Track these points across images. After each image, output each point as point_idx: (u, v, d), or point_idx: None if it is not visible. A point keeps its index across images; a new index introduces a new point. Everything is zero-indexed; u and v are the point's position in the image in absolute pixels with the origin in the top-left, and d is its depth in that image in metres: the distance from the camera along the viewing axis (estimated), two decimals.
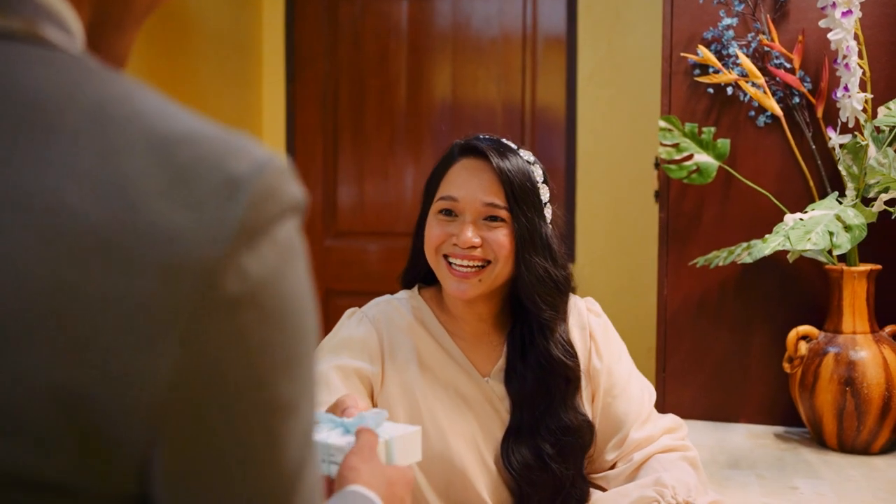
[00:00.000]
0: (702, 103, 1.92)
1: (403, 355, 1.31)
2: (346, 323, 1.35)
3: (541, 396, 1.29)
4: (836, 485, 1.51)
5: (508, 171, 1.27)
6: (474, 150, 1.30)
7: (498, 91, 3.24)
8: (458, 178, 1.29)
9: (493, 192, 1.27)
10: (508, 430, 1.30)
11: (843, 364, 1.67)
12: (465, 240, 1.26)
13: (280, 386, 0.45)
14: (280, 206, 0.44)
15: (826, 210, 1.55)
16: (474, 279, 1.27)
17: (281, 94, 3.40)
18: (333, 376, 1.25)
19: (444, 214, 1.29)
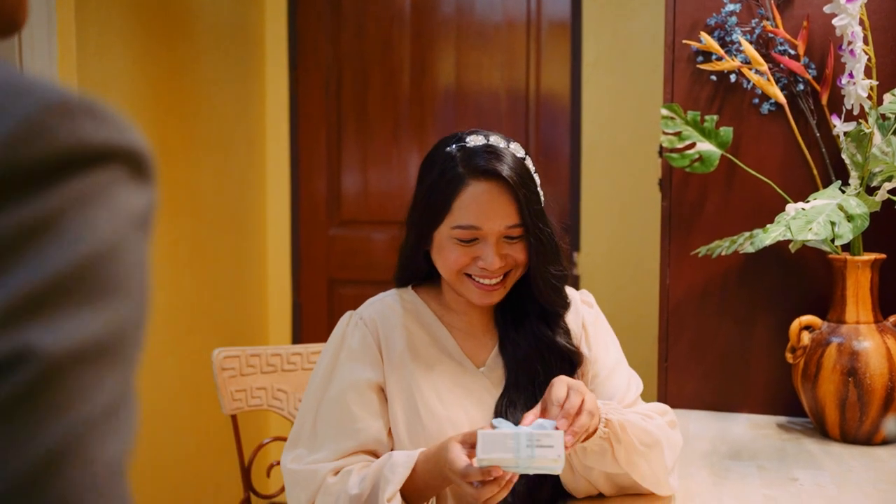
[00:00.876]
0: (705, 91, 1.90)
1: (399, 352, 1.36)
2: (345, 331, 1.37)
3: (534, 365, 1.35)
4: (837, 476, 1.49)
5: (519, 185, 1.28)
6: (489, 174, 1.28)
7: (502, 78, 3.22)
8: (476, 205, 1.28)
9: (512, 214, 1.29)
10: (502, 397, 1.35)
11: (846, 354, 1.65)
12: (493, 263, 1.29)
13: None
14: (56, 148, 0.39)
15: (828, 199, 1.53)
16: (500, 289, 1.33)
17: (284, 83, 3.38)
18: (352, 404, 1.31)
19: (462, 241, 1.30)
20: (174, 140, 2.82)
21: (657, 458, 1.29)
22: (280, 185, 3.40)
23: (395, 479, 1.19)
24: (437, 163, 1.32)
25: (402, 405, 1.33)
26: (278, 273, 3.41)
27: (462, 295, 1.36)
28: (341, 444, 1.29)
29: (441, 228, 1.31)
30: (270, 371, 1.80)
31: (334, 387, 1.33)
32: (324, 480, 1.26)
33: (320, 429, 1.32)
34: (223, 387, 1.73)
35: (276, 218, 3.41)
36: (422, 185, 1.35)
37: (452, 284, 1.35)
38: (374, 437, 1.31)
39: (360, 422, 1.30)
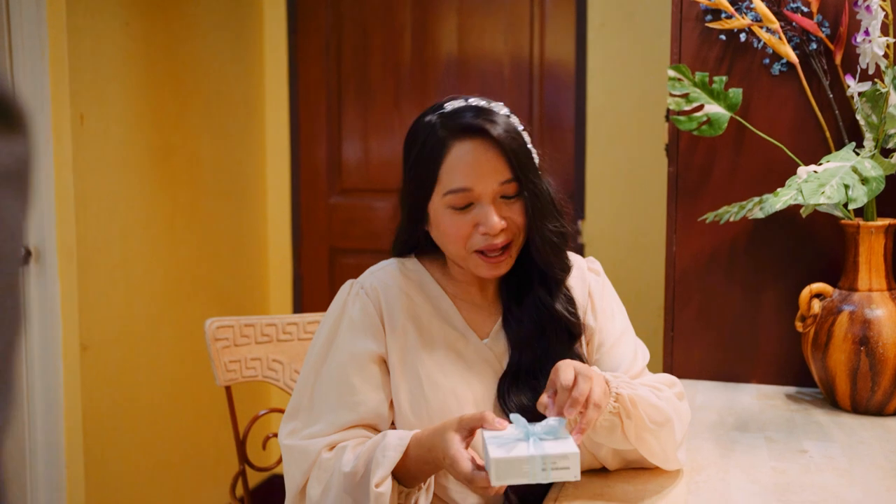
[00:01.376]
0: (713, 51, 1.84)
1: (401, 322, 1.31)
2: (346, 301, 1.33)
3: (538, 340, 1.31)
4: (848, 447, 1.45)
5: (508, 140, 1.23)
6: (469, 130, 1.23)
7: (505, 42, 3.14)
8: (463, 165, 1.22)
9: (501, 169, 1.23)
10: (506, 373, 1.31)
11: (858, 323, 1.60)
12: (495, 225, 1.23)
13: None
14: None
15: (842, 162, 1.47)
16: (506, 259, 1.27)
17: (283, 48, 3.31)
18: (353, 375, 1.26)
19: (458, 208, 1.24)
20: (169, 106, 2.76)
21: (667, 436, 1.24)
22: (280, 152, 3.35)
23: (385, 463, 1.15)
24: (419, 135, 1.27)
25: (405, 377, 1.29)
26: (278, 242, 3.37)
27: (470, 270, 1.30)
28: (340, 417, 1.25)
29: (433, 201, 1.26)
30: (265, 341, 1.76)
31: (333, 358, 1.29)
32: (318, 456, 1.22)
33: (318, 401, 1.27)
34: (216, 357, 1.69)
35: (276, 186, 3.36)
36: (407, 162, 1.29)
37: (461, 262, 1.29)
38: (374, 410, 1.27)
39: (360, 394, 1.26)
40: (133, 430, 2.59)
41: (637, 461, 1.29)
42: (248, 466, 1.74)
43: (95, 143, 2.42)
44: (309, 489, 1.22)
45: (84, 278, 2.38)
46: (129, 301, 2.58)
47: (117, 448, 2.53)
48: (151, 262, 2.68)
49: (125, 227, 2.56)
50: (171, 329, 2.73)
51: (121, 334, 2.54)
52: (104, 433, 2.47)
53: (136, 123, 2.60)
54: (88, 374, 2.40)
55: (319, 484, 1.21)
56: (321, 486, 1.21)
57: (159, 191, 2.72)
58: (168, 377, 2.73)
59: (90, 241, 2.41)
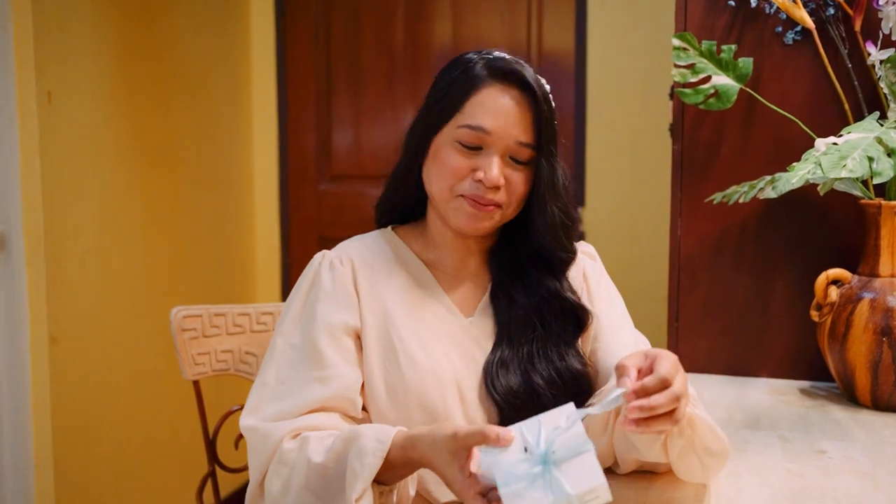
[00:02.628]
0: (721, 19, 1.71)
1: (377, 294, 1.21)
2: (317, 271, 1.22)
3: (534, 324, 1.21)
4: (870, 448, 1.32)
5: (543, 105, 1.16)
6: (513, 77, 1.16)
7: (502, 22, 3.02)
8: (492, 105, 1.15)
9: (528, 129, 1.16)
10: (494, 355, 1.19)
11: (880, 311, 1.48)
12: (494, 177, 1.14)
13: None
14: None
15: (865, 133, 1.34)
16: (491, 214, 1.18)
17: (270, 30, 3.20)
18: (326, 348, 1.14)
19: (466, 146, 1.15)
20: (147, 86, 2.63)
21: (716, 466, 1.11)
22: (267, 138, 3.24)
23: (364, 474, 1.00)
24: (457, 66, 1.20)
25: (380, 353, 1.17)
26: (266, 231, 3.26)
27: (448, 219, 1.20)
28: (310, 392, 1.12)
29: (445, 130, 1.17)
30: (238, 332, 1.63)
31: (304, 330, 1.17)
32: (279, 445, 1.09)
33: (286, 376, 1.14)
34: (183, 350, 1.56)
35: (263, 173, 3.25)
36: (435, 87, 1.21)
37: (443, 204, 1.19)
38: (348, 387, 1.14)
39: (333, 368, 1.13)
40: (106, 427, 2.48)
41: (652, 465, 1.15)
42: (218, 467, 1.61)
43: (64, 122, 2.30)
44: (267, 484, 1.08)
45: (53, 267, 2.26)
46: (103, 291, 2.46)
47: (89, 447, 2.41)
48: (128, 250, 2.56)
49: (99, 213, 2.44)
50: (150, 322, 2.61)
51: (93, 327, 2.42)
52: (75, 431, 2.35)
53: (109, 103, 2.47)
54: (58, 369, 2.28)
55: (279, 479, 1.08)
56: (280, 482, 1.07)
57: (137, 175, 2.60)
58: (144, 372, 2.61)
59: (59, 227, 2.29)
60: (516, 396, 1.15)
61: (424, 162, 1.21)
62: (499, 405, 1.16)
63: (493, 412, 1.18)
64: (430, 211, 1.26)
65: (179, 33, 2.78)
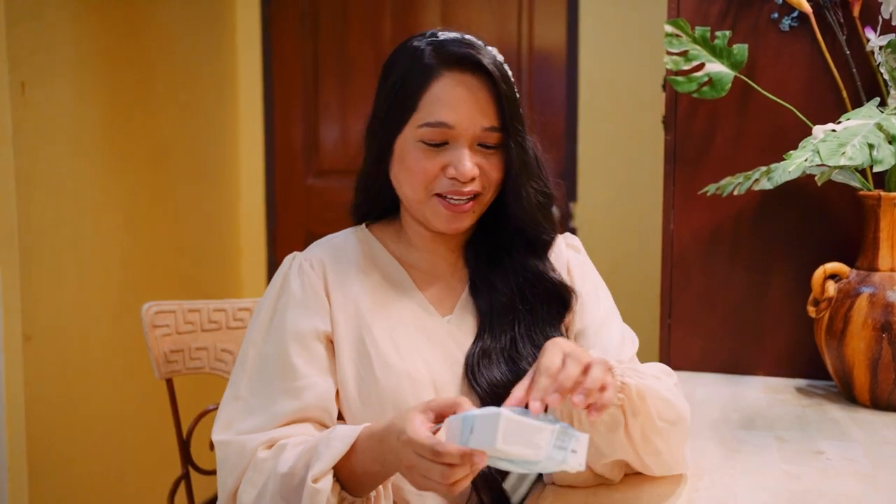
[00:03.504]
0: (716, 4, 1.66)
1: (350, 296, 1.15)
2: (286, 274, 1.17)
3: (516, 309, 1.16)
4: (869, 448, 1.27)
5: (502, 84, 1.09)
6: (464, 61, 1.09)
7: (492, 12, 2.96)
8: (449, 98, 1.09)
9: (490, 113, 1.10)
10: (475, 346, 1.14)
11: (879, 307, 1.43)
12: (467, 172, 1.09)
13: None
14: None
15: (864, 119, 1.28)
16: (469, 212, 1.14)
17: (256, 18, 3.14)
18: (296, 358, 1.09)
19: (430, 144, 1.09)
20: (127, 76, 2.57)
21: (678, 437, 1.06)
22: (253, 131, 3.18)
23: (327, 455, 0.96)
24: (402, 59, 1.12)
25: (353, 357, 1.12)
26: (252, 226, 3.20)
27: (426, 221, 1.15)
28: (282, 405, 1.07)
29: (405, 132, 1.11)
30: (213, 329, 1.57)
31: (273, 338, 1.12)
32: (254, 455, 1.04)
33: (257, 388, 1.09)
34: (155, 347, 1.50)
35: (249, 167, 3.19)
36: (384, 85, 1.14)
37: (418, 206, 1.14)
38: (321, 398, 1.09)
39: (304, 378, 1.09)
40: (81, 427, 2.41)
41: (628, 466, 1.10)
42: (192, 469, 1.55)
43: (39, 114, 2.23)
44: (241, 494, 1.04)
45: (27, 263, 2.20)
46: (79, 288, 2.39)
47: (63, 447, 2.35)
48: (107, 246, 2.49)
49: (75, 208, 2.38)
50: (129, 319, 2.54)
51: (69, 324, 2.36)
52: (49, 431, 2.29)
53: (87, 94, 2.40)
54: (32, 368, 2.21)
55: (254, 488, 1.03)
56: (255, 491, 1.02)
57: (116, 169, 2.53)
58: (121, 371, 2.54)
59: (34, 222, 2.22)
60: (501, 387, 1.10)
61: (390, 165, 1.15)
62: (482, 399, 1.11)
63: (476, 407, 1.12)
64: (406, 213, 1.20)
65: (161, 21, 2.71)
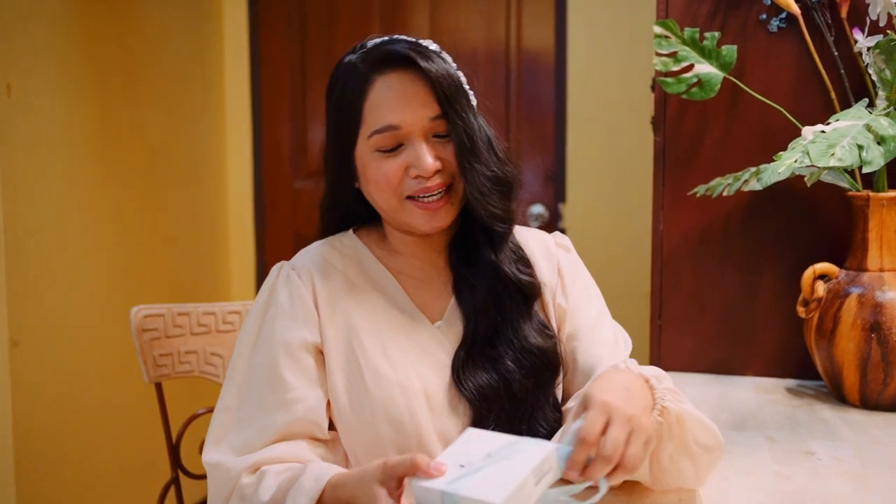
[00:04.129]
0: (704, 6, 1.66)
1: (339, 306, 1.15)
2: (274, 284, 1.16)
3: (494, 308, 1.15)
4: (860, 448, 1.27)
5: (435, 71, 1.08)
6: (390, 60, 1.09)
7: (480, 15, 2.95)
8: (387, 100, 1.08)
9: (430, 103, 1.09)
10: (461, 348, 1.13)
11: (868, 307, 1.43)
12: (429, 167, 1.08)
13: None
14: None
15: (853, 120, 1.28)
16: (445, 206, 1.12)
17: (243, 19, 3.12)
18: (285, 370, 1.09)
19: (386, 151, 1.09)
20: (114, 78, 2.55)
21: (709, 464, 1.04)
22: (241, 133, 3.16)
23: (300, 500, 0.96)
24: (339, 77, 1.13)
25: (343, 368, 1.12)
26: (240, 229, 3.18)
27: (407, 227, 1.14)
28: (273, 419, 1.07)
29: (359, 146, 1.11)
30: (203, 332, 1.56)
31: (262, 351, 1.11)
32: (238, 480, 1.05)
33: (247, 402, 1.09)
34: (144, 351, 1.49)
35: (237, 169, 3.17)
36: (329, 106, 1.14)
37: (394, 215, 1.14)
38: (312, 410, 1.09)
39: (294, 391, 1.08)
40: (70, 432, 2.39)
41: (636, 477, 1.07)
42: (182, 473, 1.54)
43: (25, 116, 2.21)
44: None
45: (14, 266, 2.17)
46: (67, 292, 2.37)
47: (52, 452, 2.33)
48: (94, 249, 2.47)
49: (62, 210, 2.35)
50: (117, 323, 2.52)
51: (57, 328, 2.34)
52: (37, 436, 2.26)
53: (73, 96, 2.39)
54: (19, 373, 2.19)
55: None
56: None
57: (103, 171, 2.51)
58: (110, 375, 2.52)
59: (20, 224, 2.20)
60: (487, 389, 1.10)
61: (357, 183, 1.15)
62: (471, 403, 1.11)
63: (466, 413, 1.12)
64: (385, 221, 1.20)
65: (148, 22, 2.70)
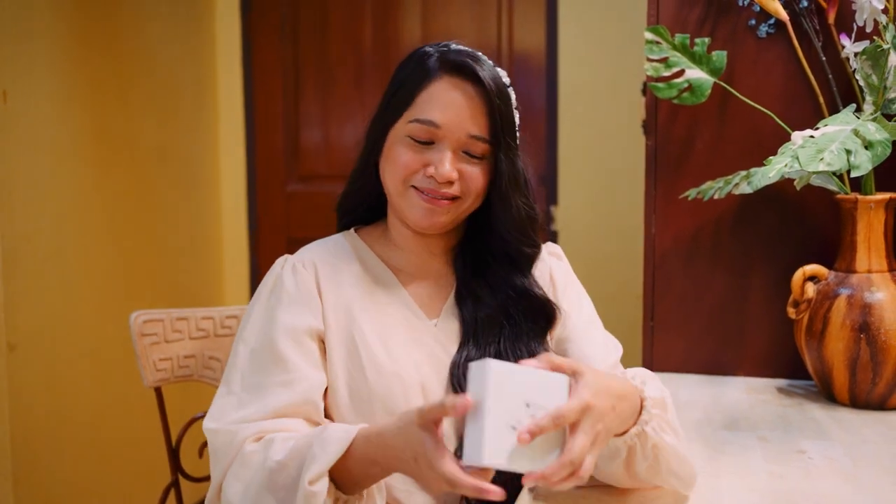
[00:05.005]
0: (694, 12, 1.68)
1: (340, 299, 1.17)
2: (279, 274, 1.18)
3: (500, 324, 1.18)
4: (850, 447, 1.30)
5: (497, 98, 1.12)
6: (464, 69, 1.13)
7: (472, 17, 2.97)
8: (442, 99, 1.12)
9: (480, 123, 1.13)
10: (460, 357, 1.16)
11: (857, 307, 1.45)
12: (445, 173, 1.12)
13: None
14: None
15: (842, 125, 1.31)
16: (447, 208, 1.15)
17: (236, 25, 3.13)
18: (288, 351, 1.10)
19: (417, 141, 1.13)
20: (108, 84, 2.56)
21: (681, 486, 1.08)
22: (234, 137, 3.17)
23: (323, 458, 0.96)
24: (412, 59, 1.17)
25: (343, 356, 1.14)
26: (234, 232, 3.19)
27: (404, 216, 1.17)
28: (274, 397, 1.07)
29: (398, 126, 1.15)
30: (201, 336, 1.57)
31: (267, 334, 1.12)
32: (241, 447, 1.04)
33: (249, 381, 1.10)
34: (144, 355, 1.50)
35: (230, 173, 3.17)
36: (392, 82, 1.19)
37: (397, 199, 1.17)
38: (312, 391, 1.10)
39: (297, 371, 1.09)
40: (67, 436, 2.39)
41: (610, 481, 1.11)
42: (183, 477, 1.55)
43: (21, 122, 2.22)
44: (226, 487, 1.03)
45: (10, 271, 2.18)
46: (62, 296, 2.38)
47: (49, 456, 2.33)
48: (89, 253, 2.48)
49: (58, 215, 2.36)
50: (112, 327, 2.53)
51: (53, 332, 2.34)
52: (34, 440, 2.27)
53: (68, 102, 2.39)
54: (16, 377, 2.20)
55: (239, 482, 1.02)
56: (241, 485, 1.02)
57: (98, 176, 2.52)
58: (106, 379, 2.53)
59: (17, 229, 2.21)
60: None
61: (380, 158, 1.18)
62: None
63: None
64: (390, 211, 1.23)
65: (141, 27, 2.70)
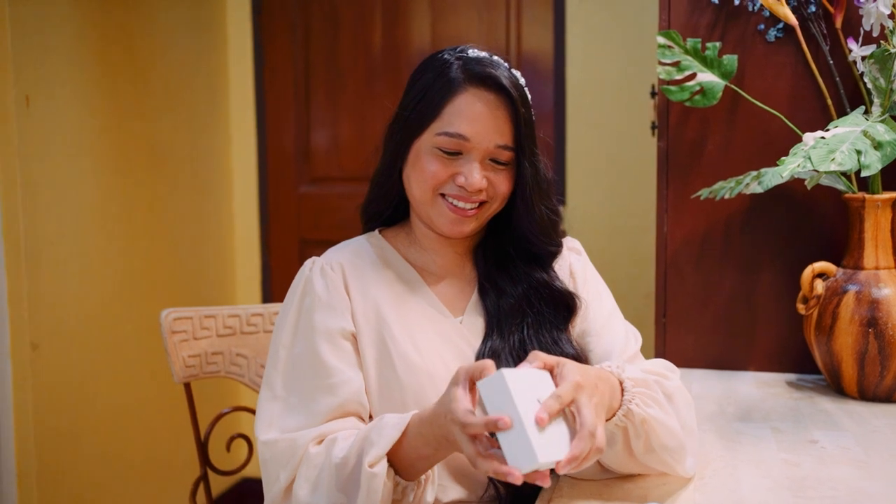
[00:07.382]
0: (705, 17, 1.73)
1: (369, 299, 1.20)
2: (308, 277, 1.21)
3: (523, 316, 1.22)
4: (861, 437, 1.34)
5: (521, 107, 1.17)
6: (490, 81, 1.16)
7: (480, 20, 3.01)
8: (469, 112, 1.15)
9: (505, 132, 1.17)
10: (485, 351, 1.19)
11: (865, 303, 1.50)
12: (475, 183, 1.16)
13: None
14: None
15: (851, 127, 1.36)
16: (474, 217, 1.20)
17: (247, 28, 3.17)
18: (328, 356, 1.14)
19: (445, 152, 1.16)
20: (125, 88, 2.60)
21: (674, 461, 1.13)
22: (246, 139, 3.20)
23: (381, 442, 1.01)
24: (431, 68, 1.19)
25: (374, 356, 1.17)
26: (246, 233, 3.22)
27: (432, 223, 1.21)
28: (320, 403, 1.12)
29: (423, 137, 1.17)
30: (228, 334, 1.62)
31: (302, 339, 1.16)
32: (305, 451, 1.08)
33: (292, 389, 1.14)
34: (174, 352, 1.55)
35: (242, 175, 3.21)
36: (410, 90, 1.21)
37: (423, 208, 1.20)
38: (356, 392, 1.14)
39: (338, 375, 1.13)
40: (90, 434, 2.44)
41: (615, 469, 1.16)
42: (210, 471, 1.60)
43: (43, 126, 2.26)
44: (296, 489, 1.08)
45: (34, 272, 2.22)
46: (83, 296, 2.42)
47: (73, 454, 2.38)
48: (108, 254, 2.52)
49: (79, 217, 2.41)
50: (131, 325, 2.58)
51: (75, 331, 2.39)
52: (58, 438, 2.31)
53: (88, 106, 2.44)
54: (40, 375, 2.24)
55: (308, 482, 1.07)
56: (310, 485, 1.07)
57: (116, 178, 2.56)
58: (127, 376, 2.58)
59: (40, 232, 2.25)
60: None
61: (405, 165, 1.21)
62: None
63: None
64: (414, 213, 1.26)
65: (157, 35, 2.75)
